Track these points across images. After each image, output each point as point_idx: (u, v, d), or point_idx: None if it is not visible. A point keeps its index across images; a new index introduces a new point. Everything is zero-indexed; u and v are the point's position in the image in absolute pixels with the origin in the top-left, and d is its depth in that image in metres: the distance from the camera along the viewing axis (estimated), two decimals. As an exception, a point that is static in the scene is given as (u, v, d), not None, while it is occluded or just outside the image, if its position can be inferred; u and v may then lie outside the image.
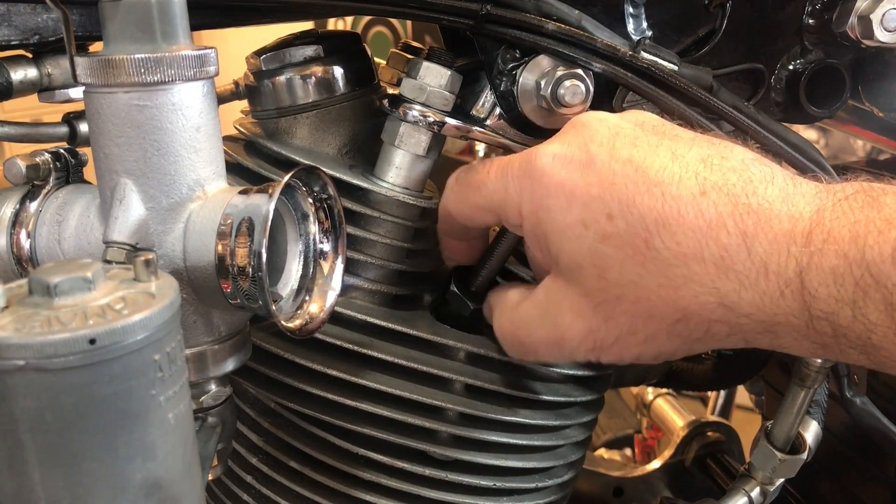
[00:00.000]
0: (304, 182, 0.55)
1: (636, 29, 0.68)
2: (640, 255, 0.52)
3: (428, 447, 0.69)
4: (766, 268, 0.49)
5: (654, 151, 0.54)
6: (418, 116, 0.67)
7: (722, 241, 0.50)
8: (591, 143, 0.56)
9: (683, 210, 0.51)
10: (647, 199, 0.52)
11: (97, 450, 0.39)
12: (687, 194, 0.51)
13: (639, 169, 0.53)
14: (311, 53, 0.70)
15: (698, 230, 0.51)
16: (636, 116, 0.59)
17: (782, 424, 0.75)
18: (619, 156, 0.54)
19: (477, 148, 3.97)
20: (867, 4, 0.67)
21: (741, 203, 0.51)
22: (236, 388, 0.68)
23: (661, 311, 0.54)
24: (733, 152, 0.54)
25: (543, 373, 0.74)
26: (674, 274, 0.52)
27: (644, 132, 0.56)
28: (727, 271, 0.50)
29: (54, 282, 0.39)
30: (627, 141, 0.55)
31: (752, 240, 0.50)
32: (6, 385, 0.37)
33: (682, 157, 0.54)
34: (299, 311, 0.56)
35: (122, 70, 0.49)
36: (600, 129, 0.57)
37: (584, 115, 0.60)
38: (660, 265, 0.52)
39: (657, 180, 0.52)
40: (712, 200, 0.51)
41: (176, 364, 0.42)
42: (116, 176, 0.51)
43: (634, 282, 0.53)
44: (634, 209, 0.52)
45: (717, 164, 0.53)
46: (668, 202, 0.52)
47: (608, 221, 0.53)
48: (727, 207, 0.50)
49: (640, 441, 1.75)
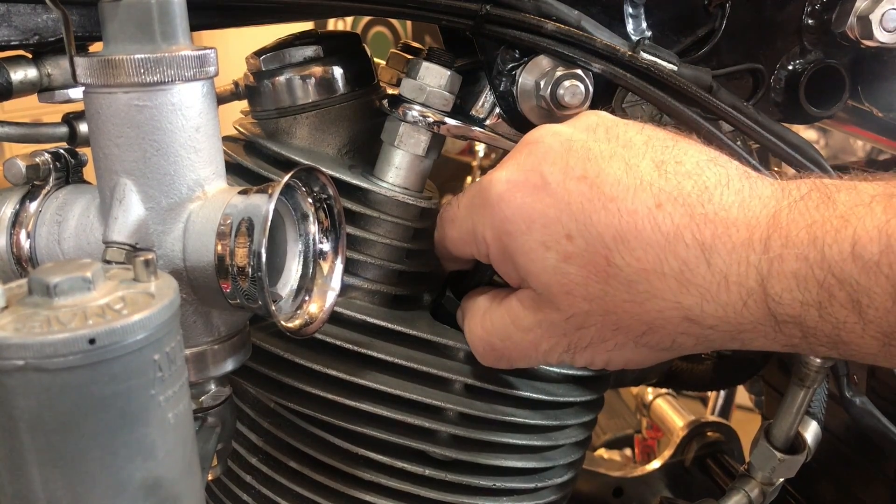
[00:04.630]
0: (303, 182, 0.55)
1: (636, 29, 0.68)
2: (603, 273, 0.53)
3: (428, 447, 0.69)
4: (727, 279, 0.49)
5: (608, 164, 0.54)
6: (418, 117, 0.67)
7: (681, 255, 0.50)
8: (543, 163, 0.55)
9: (640, 224, 0.51)
10: (603, 216, 0.52)
11: (97, 450, 0.39)
12: (642, 208, 0.51)
13: (593, 185, 0.53)
14: (310, 53, 0.70)
15: (656, 244, 0.51)
16: (588, 121, 0.59)
17: (782, 424, 0.75)
18: (572, 174, 0.54)
19: (477, 148, 3.97)
20: (866, 5, 0.67)
21: (697, 213, 0.50)
22: (236, 388, 0.68)
23: (627, 324, 0.54)
24: (687, 155, 0.54)
25: (543, 373, 0.74)
26: (636, 290, 0.52)
27: (597, 141, 0.56)
28: (688, 285, 0.50)
29: (54, 282, 0.39)
30: (580, 156, 0.55)
31: (710, 251, 0.49)
32: (6, 385, 0.37)
33: (636, 166, 0.53)
34: (299, 312, 0.56)
35: (121, 70, 0.49)
36: (553, 144, 0.56)
37: (536, 132, 0.59)
38: (622, 281, 0.52)
39: (612, 195, 0.52)
40: (668, 212, 0.51)
41: (175, 364, 0.42)
42: (116, 176, 0.51)
43: (600, 297, 0.54)
44: (592, 227, 0.52)
45: (671, 171, 0.52)
46: (624, 217, 0.52)
47: (568, 241, 0.53)
48: (683, 219, 0.50)
49: (640, 441, 1.74)
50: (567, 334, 0.58)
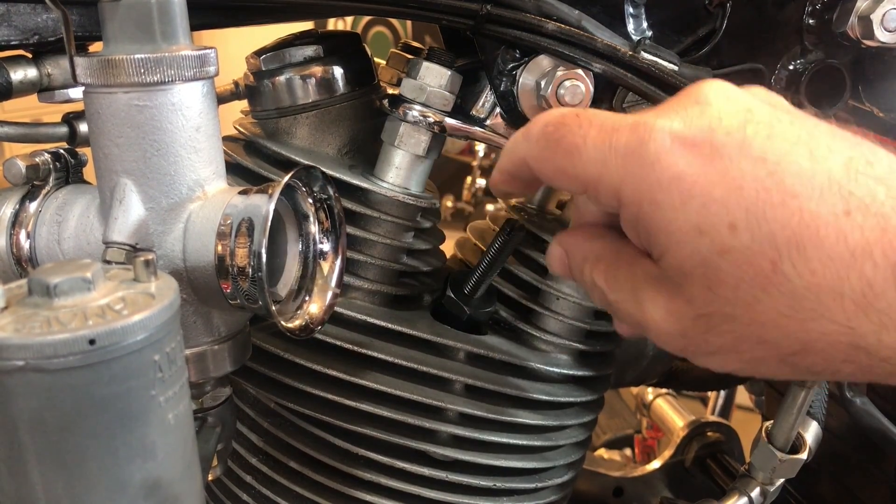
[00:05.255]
0: (303, 182, 0.55)
1: (636, 29, 0.68)
2: (764, 278, 0.45)
3: (428, 447, 0.69)
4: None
5: (791, 149, 0.45)
6: (418, 116, 0.67)
7: (866, 275, 0.43)
8: (718, 128, 0.46)
9: (823, 232, 0.43)
10: (780, 213, 0.44)
11: (97, 450, 0.39)
12: (828, 212, 0.43)
13: (773, 172, 0.44)
14: (311, 53, 0.70)
15: (839, 259, 0.43)
16: (762, 93, 0.50)
17: (782, 424, 0.75)
18: (750, 151, 0.45)
19: (477, 148, 3.96)
20: (867, 4, 0.67)
21: (891, 227, 0.43)
22: (236, 388, 0.68)
23: (776, 339, 0.46)
24: (877, 155, 0.46)
25: (543, 373, 0.74)
26: (801, 306, 0.44)
27: (780, 121, 0.47)
28: (868, 310, 0.43)
29: (54, 282, 0.39)
30: (761, 132, 0.46)
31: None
32: (6, 385, 0.37)
33: (823, 160, 0.45)
34: (299, 312, 0.56)
35: (121, 70, 0.49)
36: (729, 110, 0.47)
37: (706, 88, 0.49)
38: (785, 293, 0.44)
39: (794, 190, 0.44)
40: (858, 223, 0.43)
41: (176, 364, 0.42)
42: (116, 176, 0.51)
43: (750, 304, 0.46)
44: (764, 223, 0.44)
45: (861, 173, 0.45)
46: (805, 219, 0.44)
47: (730, 232, 0.45)
48: (874, 233, 0.43)
49: (640, 441, 1.75)
50: (687, 334, 0.50)
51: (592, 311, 0.76)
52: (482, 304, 0.72)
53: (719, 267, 0.45)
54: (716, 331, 0.48)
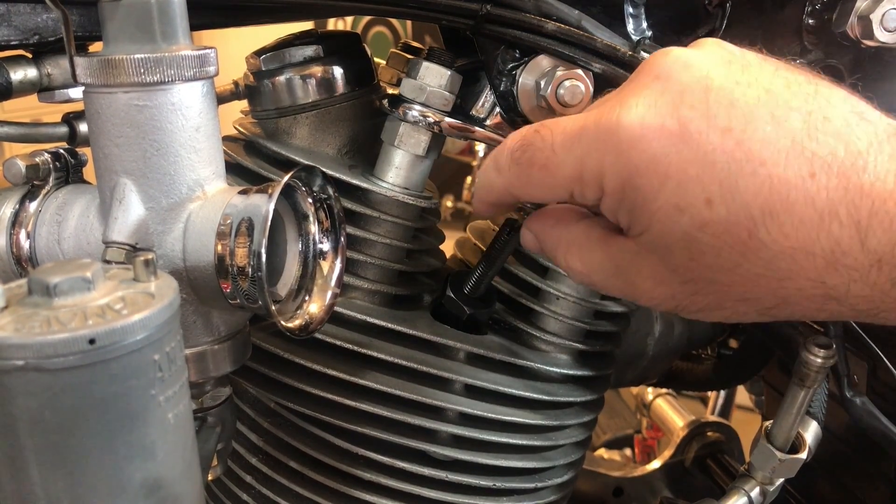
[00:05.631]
0: (303, 182, 0.55)
1: (636, 29, 0.68)
2: (742, 245, 0.47)
3: (428, 447, 0.69)
4: (880, 260, 0.45)
5: (754, 114, 0.47)
6: (418, 116, 0.67)
7: (834, 234, 0.46)
8: (681, 105, 0.48)
9: (793, 196, 0.46)
10: (751, 183, 0.46)
11: (97, 450, 0.39)
12: (795, 177, 0.46)
13: (741, 141, 0.47)
14: (311, 53, 0.70)
15: (809, 221, 0.46)
16: (719, 52, 0.51)
17: (782, 424, 0.75)
18: (717, 123, 0.47)
19: (477, 148, 3.96)
20: (867, 4, 0.67)
21: (853, 184, 0.45)
22: (236, 388, 0.68)
23: (756, 296, 0.50)
24: (832, 106, 0.48)
25: (543, 373, 0.74)
26: (777, 266, 0.47)
27: (738, 83, 0.49)
28: (837, 265, 0.46)
29: (54, 282, 0.39)
30: (723, 100, 0.48)
31: (865, 230, 0.45)
32: (6, 385, 0.37)
33: (784, 120, 0.47)
34: (299, 311, 0.56)
35: (121, 70, 0.49)
36: (689, 82, 0.49)
37: (663, 61, 0.51)
38: (763, 257, 0.47)
39: (762, 157, 0.46)
40: (822, 184, 0.45)
41: (176, 364, 0.42)
42: (116, 176, 0.51)
43: (730, 269, 0.49)
44: (738, 195, 0.46)
45: (820, 130, 0.46)
46: (775, 186, 0.46)
47: (706, 207, 0.47)
48: (838, 192, 0.45)
49: (640, 441, 1.75)
50: (676, 297, 0.53)
51: (592, 311, 0.76)
52: (482, 304, 0.72)
53: (700, 240, 0.48)
54: (701, 293, 0.51)
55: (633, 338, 0.93)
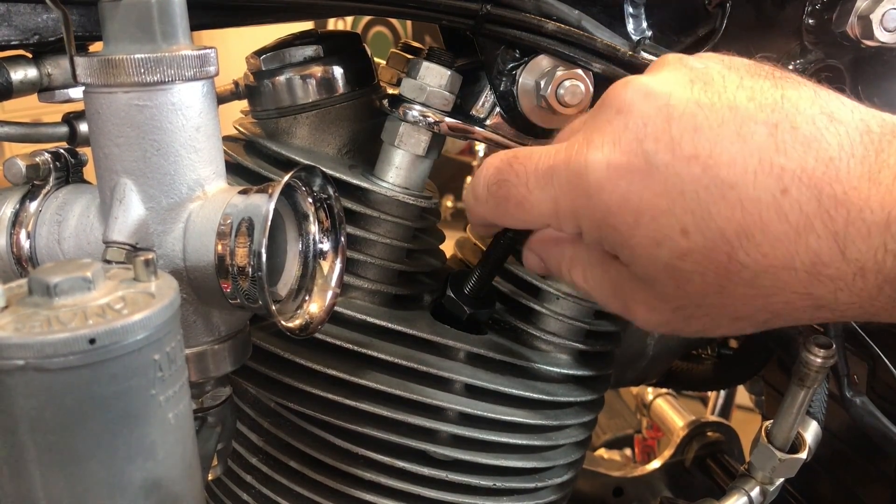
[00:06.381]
0: (303, 182, 0.55)
1: (636, 29, 0.68)
2: (723, 269, 0.48)
3: (428, 447, 0.69)
4: (863, 268, 0.45)
5: (718, 135, 0.47)
6: (418, 116, 0.67)
7: (812, 247, 0.45)
8: (645, 139, 0.48)
9: (766, 216, 0.46)
10: (723, 208, 0.46)
11: (97, 450, 0.39)
12: (766, 196, 0.46)
13: (707, 167, 0.46)
14: (311, 53, 0.70)
15: (785, 238, 0.46)
16: (679, 73, 0.51)
17: (782, 424, 0.75)
18: (682, 152, 0.47)
19: (477, 148, 3.96)
20: (867, 4, 0.67)
21: (826, 195, 0.45)
22: (236, 388, 0.68)
23: (748, 314, 0.50)
24: (799, 111, 0.47)
25: (543, 372, 0.74)
26: (761, 284, 0.47)
27: (699, 105, 0.48)
28: (820, 277, 0.46)
29: (54, 282, 0.39)
30: (685, 126, 0.47)
31: (844, 241, 0.45)
32: (6, 385, 0.37)
33: (749, 138, 0.46)
34: (299, 311, 0.56)
35: (121, 70, 0.49)
36: (649, 112, 0.49)
37: (625, 92, 0.50)
38: (745, 278, 0.47)
39: (730, 181, 0.46)
40: (794, 198, 0.45)
41: (176, 364, 0.42)
42: (116, 176, 0.51)
43: (717, 293, 0.49)
44: (711, 221, 0.46)
45: (789, 142, 0.46)
46: (747, 208, 0.46)
47: (683, 237, 0.48)
48: (811, 205, 0.45)
49: (640, 441, 1.75)
50: (671, 322, 0.53)
51: (592, 311, 0.76)
52: (482, 304, 0.72)
53: (682, 268, 0.49)
54: (695, 317, 0.52)
55: (633, 338, 0.93)
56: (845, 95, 0.49)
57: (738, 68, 0.51)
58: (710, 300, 0.50)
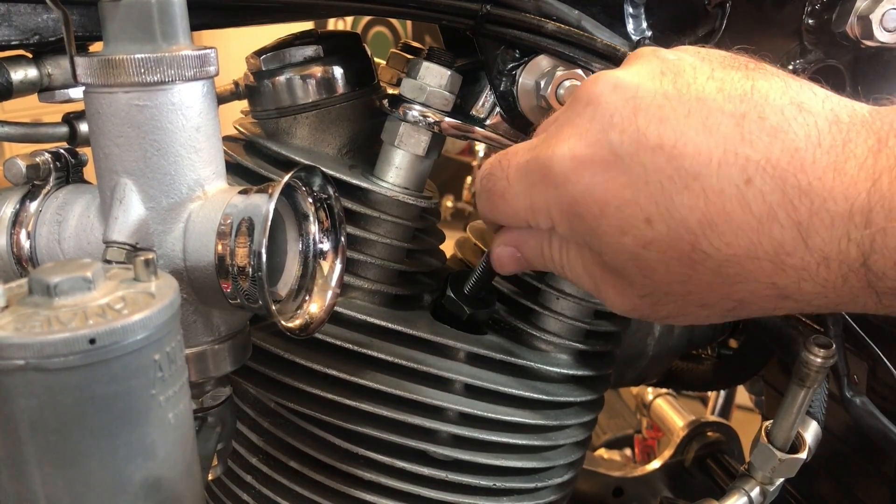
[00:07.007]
0: (303, 182, 0.55)
1: (636, 29, 0.68)
2: (687, 258, 0.48)
3: (428, 447, 0.69)
4: (827, 258, 0.45)
5: (684, 125, 0.47)
6: (418, 116, 0.67)
7: (775, 237, 0.46)
8: (610, 130, 0.49)
9: (729, 206, 0.46)
10: (686, 198, 0.47)
11: (97, 450, 0.39)
12: (729, 186, 0.46)
13: (672, 157, 0.47)
14: (311, 53, 0.70)
15: (748, 228, 0.46)
16: (650, 65, 0.51)
17: (782, 424, 0.75)
18: (647, 143, 0.48)
19: (477, 148, 3.96)
20: (867, 4, 0.67)
21: (790, 185, 0.45)
22: (236, 388, 0.68)
23: (714, 302, 0.51)
24: (768, 102, 0.47)
25: (543, 372, 0.74)
26: (726, 273, 0.48)
27: (667, 97, 0.49)
28: (784, 266, 0.46)
29: (54, 282, 0.39)
30: (652, 116, 0.48)
31: (807, 230, 0.45)
32: (6, 385, 0.37)
33: (715, 129, 0.47)
34: (299, 311, 0.56)
35: (122, 70, 0.49)
36: (616, 104, 0.49)
37: (594, 84, 0.51)
38: (710, 267, 0.48)
39: (694, 171, 0.46)
40: (758, 189, 0.45)
41: (176, 364, 0.42)
42: (116, 176, 0.51)
43: (682, 281, 0.50)
44: (675, 211, 0.47)
45: (755, 131, 0.46)
46: (710, 198, 0.46)
47: (647, 226, 0.48)
48: (775, 195, 0.45)
49: (640, 441, 1.75)
50: (638, 308, 0.54)
51: (592, 311, 0.76)
52: (482, 304, 0.72)
53: (646, 257, 0.49)
54: (662, 303, 0.53)
55: (633, 338, 0.93)
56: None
57: (712, 60, 0.51)
58: (676, 288, 0.51)
